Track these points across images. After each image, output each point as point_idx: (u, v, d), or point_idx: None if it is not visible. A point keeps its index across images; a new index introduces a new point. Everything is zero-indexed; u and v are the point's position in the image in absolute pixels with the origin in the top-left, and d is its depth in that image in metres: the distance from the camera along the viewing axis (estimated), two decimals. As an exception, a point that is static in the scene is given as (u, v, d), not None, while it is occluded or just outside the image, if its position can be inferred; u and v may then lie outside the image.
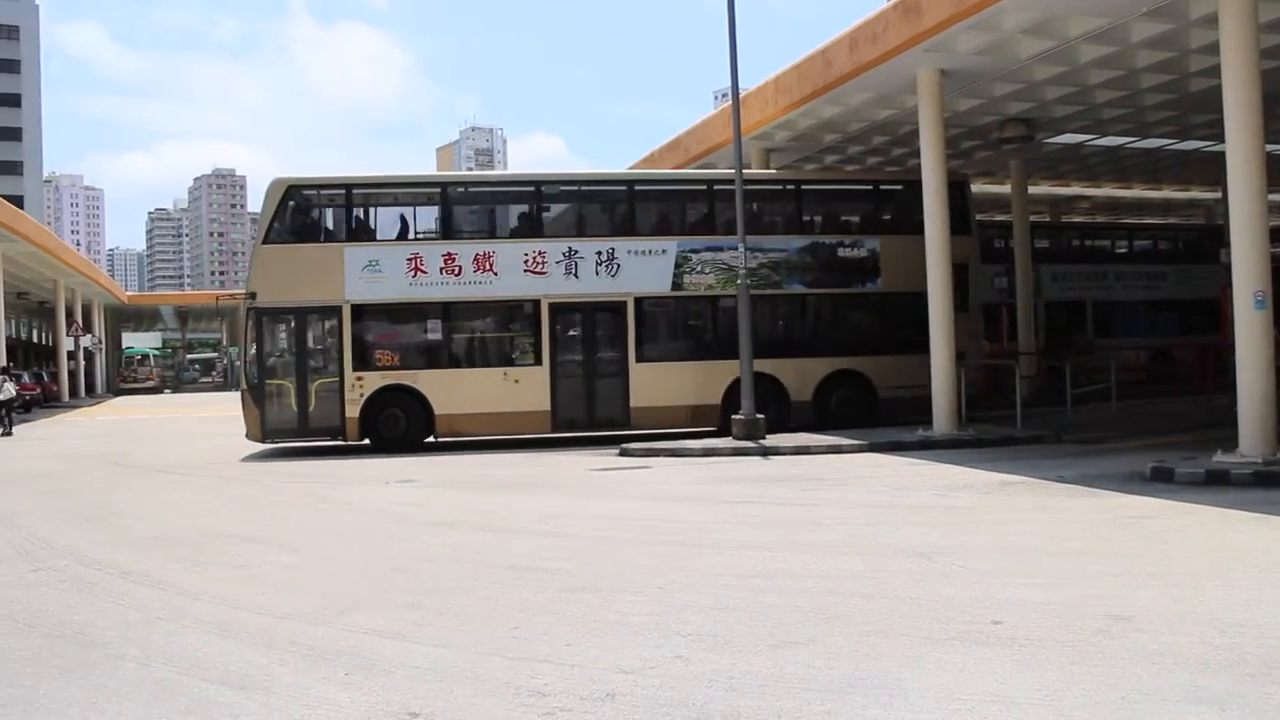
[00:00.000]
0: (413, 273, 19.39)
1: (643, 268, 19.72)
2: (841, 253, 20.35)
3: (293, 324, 19.75)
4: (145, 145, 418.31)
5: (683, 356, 20.18)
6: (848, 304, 20.53)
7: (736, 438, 17.36)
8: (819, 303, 20.56)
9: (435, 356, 19.70)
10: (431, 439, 19.18)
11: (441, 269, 19.41)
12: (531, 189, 21.18)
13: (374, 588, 7.63)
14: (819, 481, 13.14)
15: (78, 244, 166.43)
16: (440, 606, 6.96)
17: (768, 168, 23.63)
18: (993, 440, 16.84)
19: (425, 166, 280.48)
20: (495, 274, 19.47)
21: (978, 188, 29.10)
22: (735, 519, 10.50)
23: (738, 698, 4.94)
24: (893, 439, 17.05)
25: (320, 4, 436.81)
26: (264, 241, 19.62)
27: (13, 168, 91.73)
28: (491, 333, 20.32)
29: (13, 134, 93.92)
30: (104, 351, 64.23)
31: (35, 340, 75.89)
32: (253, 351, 19.48)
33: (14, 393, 29.20)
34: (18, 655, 6.15)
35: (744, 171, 18.70)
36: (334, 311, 19.23)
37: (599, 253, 19.64)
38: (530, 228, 20.40)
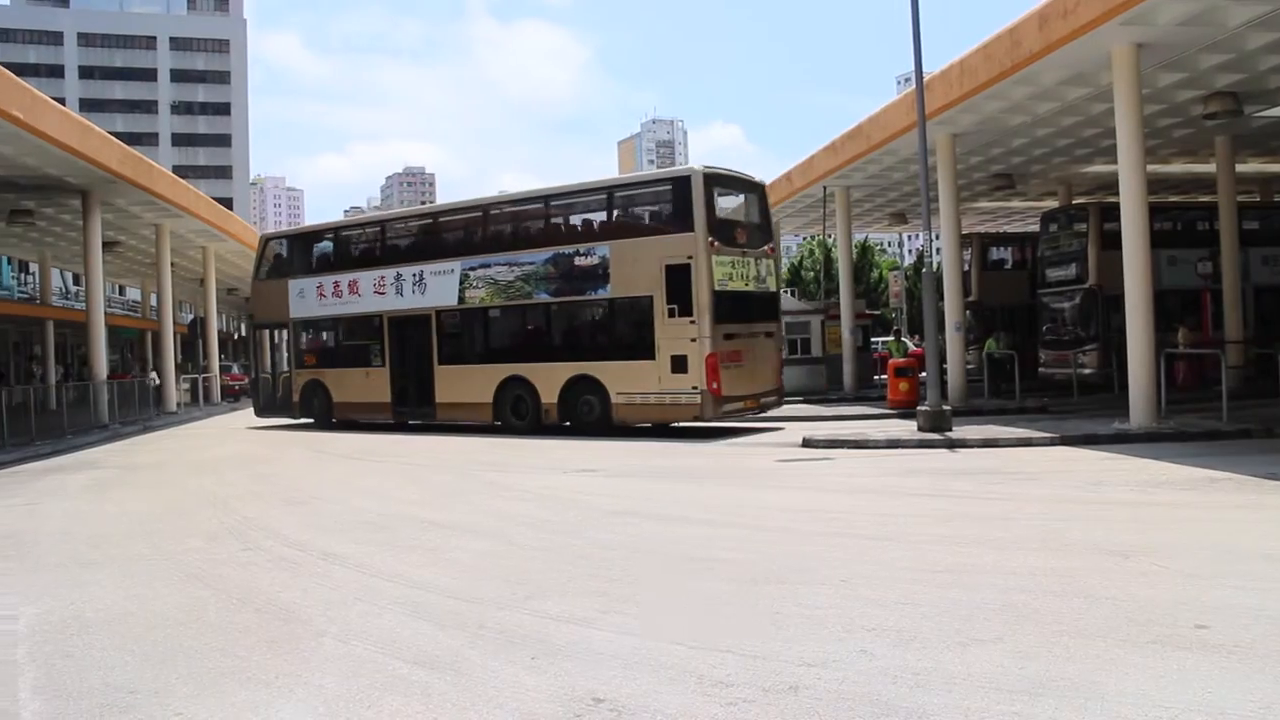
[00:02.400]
0: (320, 297, 25.73)
1: (440, 285, 23.23)
2: (578, 261, 21.12)
3: (270, 336, 27.94)
4: (338, 147, 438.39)
5: (467, 360, 23.18)
6: (582, 311, 21.60)
7: (922, 429, 17.02)
8: (561, 310, 21.76)
9: (332, 358, 26.17)
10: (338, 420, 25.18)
11: (334, 293, 25.46)
12: (377, 228, 27.24)
13: (559, 574, 7.80)
14: (1007, 475, 12.71)
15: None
16: (624, 594, 7.06)
17: (953, 154, 23.04)
18: (1195, 434, 15.89)
19: (607, 160, 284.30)
20: (359, 295, 24.89)
21: (1178, 167, 27.64)
22: (920, 512, 10.27)
23: (923, 695, 4.84)
24: (1086, 432, 16.36)
25: (500, 3, 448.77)
26: (254, 278, 28.17)
27: (223, 172, 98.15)
28: (360, 341, 25.49)
29: (223, 140, 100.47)
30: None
31: (244, 334, 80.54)
32: (253, 355, 28.80)
33: (158, 381, 33.22)
34: (232, 628, 6.59)
35: (502, 194, 24.33)
36: (286, 326, 26.77)
37: (413, 274, 23.76)
38: (380, 258, 25.22)
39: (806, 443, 17.02)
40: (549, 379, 21.22)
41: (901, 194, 32.53)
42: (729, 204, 21.42)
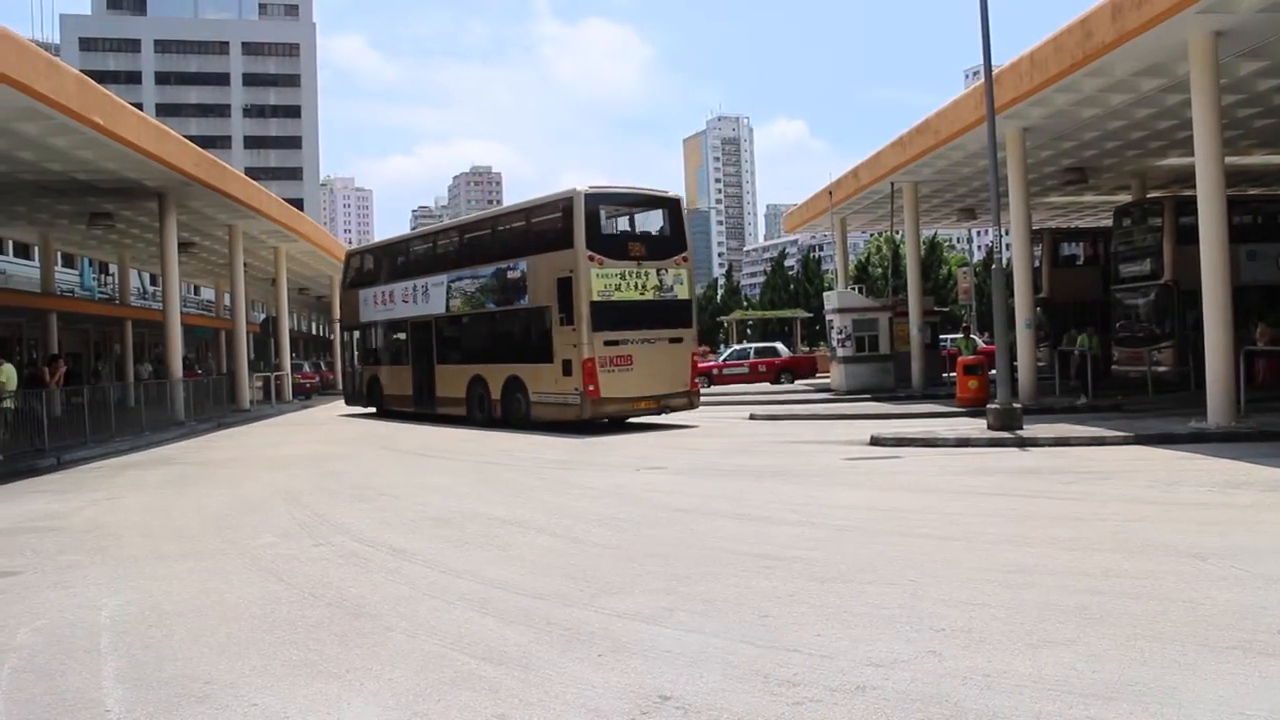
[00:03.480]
0: (375, 304, 30.38)
1: (436, 294, 26.63)
2: (509, 275, 23.72)
3: (352, 337, 32.86)
4: (405, 148, 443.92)
5: (451, 360, 26.38)
6: (513, 319, 23.90)
7: (992, 427, 16.79)
8: (502, 318, 24.32)
9: (380, 357, 30.73)
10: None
11: (382, 301, 29.88)
12: (404, 245, 31.56)
13: (626, 572, 7.82)
14: (1080, 474, 12.48)
15: (350, 242, 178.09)
16: (691, 592, 7.06)
17: (1022, 148, 22.72)
18: (1277, 434, 15.40)
19: (673, 158, 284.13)
20: (394, 303, 29.12)
21: (1258, 159, 26.94)
22: (990, 511, 10.13)
23: (994, 697, 4.78)
24: (1161, 431, 16.00)
25: (564, 3, 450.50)
26: (341, 288, 34.91)
27: (293, 173, 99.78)
28: (397, 342, 29.57)
29: (294, 142, 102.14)
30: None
31: (314, 333, 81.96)
32: (341, 354, 36.12)
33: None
34: (304, 622, 6.70)
35: (462, 217, 28.63)
36: (359, 329, 31.71)
37: (422, 286, 27.41)
38: (408, 271, 28.89)
39: (874, 440, 16.88)
40: (495, 378, 23.99)
41: (970, 189, 32.11)
42: (626, 219, 23.60)
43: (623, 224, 23.40)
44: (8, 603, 7.62)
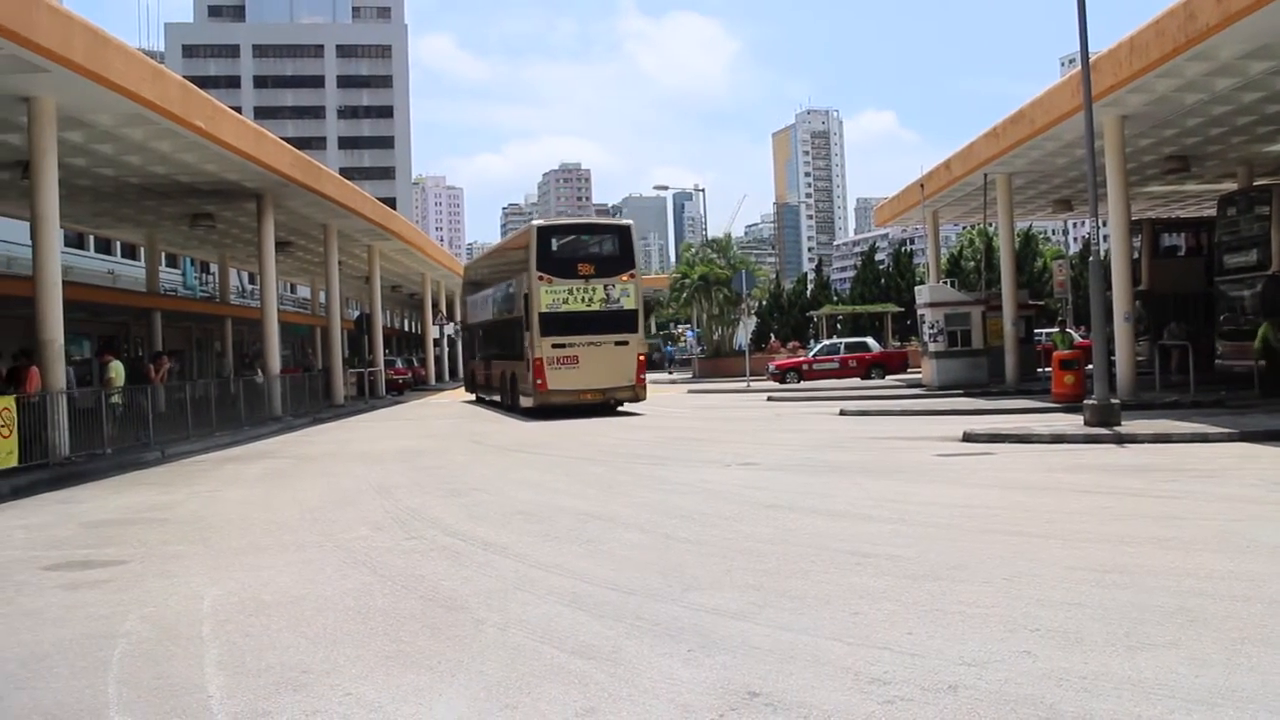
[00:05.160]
0: (471, 310, 37.87)
1: (488, 303, 33.29)
2: (510, 290, 29.43)
3: (465, 335, 41.06)
4: (494, 147, 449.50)
5: (491, 358, 32.85)
6: (513, 326, 28.46)
7: (1089, 423, 16.39)
8: (511, 325, 28.85)
9: (472, 353, 38.10)
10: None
11: (473, 308, 37.16)
12: (483, 261, 39.38)
13: (715, 567, 7.80)
14: (1181, 472, 12.12)
15: (441, 239, 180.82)
16: (780, 588, 7.02)
17: (1121, 137, 22.13)
18: (1394, 430, 14.80)
19: (761, 152, 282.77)
20: (477, 310, 36.02)
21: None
22: (1087, 509, 9.89)
23: (1091, 700, 4.66)
24: (1269, 427, 15.44)
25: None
26: (460, 295, 44.52)
27: (386, 173, 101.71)
28: (479, 341, 36.24)
29: (386, 142, 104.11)
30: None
31: (406, 329, 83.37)
32: (462, 350, 44.62)
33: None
34: (397, 614, 6.83)
35: (500, 240, 39.41)
36: (467, 330, 39.74)
37: (485, 296, 34.05)
38: (483, 283, 35.18)
39: (967, 437, 16.61)
40: (509, 372, 29.21)
41: (1066, 180, 31.37)
42: (578, 246, 28.65)
43: (578, 249, 28.33)
44: (116, 590, 7.90)
